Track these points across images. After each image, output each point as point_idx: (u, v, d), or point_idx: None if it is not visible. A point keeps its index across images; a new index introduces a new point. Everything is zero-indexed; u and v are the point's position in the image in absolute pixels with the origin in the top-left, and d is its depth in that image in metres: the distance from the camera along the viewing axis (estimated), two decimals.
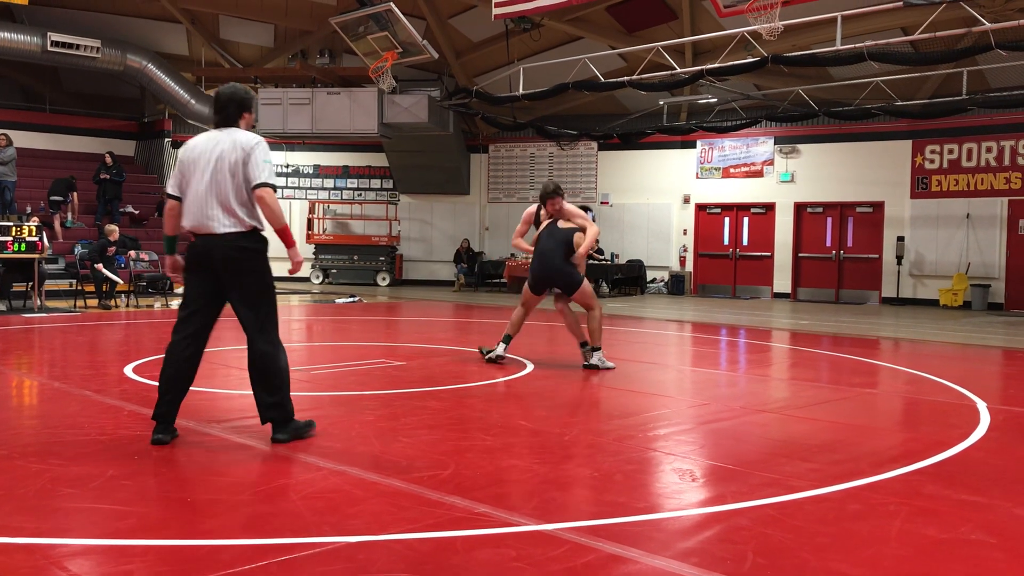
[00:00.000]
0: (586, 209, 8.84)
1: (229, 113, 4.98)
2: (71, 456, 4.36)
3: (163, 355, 4.83)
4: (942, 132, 18.23)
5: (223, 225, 4.73)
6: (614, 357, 8.48)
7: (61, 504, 3.59)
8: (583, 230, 7.96)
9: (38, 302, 13.04)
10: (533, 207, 8.32)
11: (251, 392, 4.82)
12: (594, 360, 7.86)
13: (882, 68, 15.13)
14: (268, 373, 4.79)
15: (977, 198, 17.99)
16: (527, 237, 8.61)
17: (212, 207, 4.74)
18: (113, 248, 14.54)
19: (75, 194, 18.41)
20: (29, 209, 17.52)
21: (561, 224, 8.01)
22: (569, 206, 8.16)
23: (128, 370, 7.20)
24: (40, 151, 21.39)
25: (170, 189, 4.96)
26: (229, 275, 4.80)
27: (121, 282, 14.49)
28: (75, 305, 13.86)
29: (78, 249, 15.53)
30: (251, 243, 4.84)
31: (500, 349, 8.08)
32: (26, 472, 4.04)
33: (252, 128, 5.09)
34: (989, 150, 17.89)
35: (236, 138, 4.85)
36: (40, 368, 7.74)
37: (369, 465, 4.29)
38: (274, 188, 4.85)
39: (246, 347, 4.87)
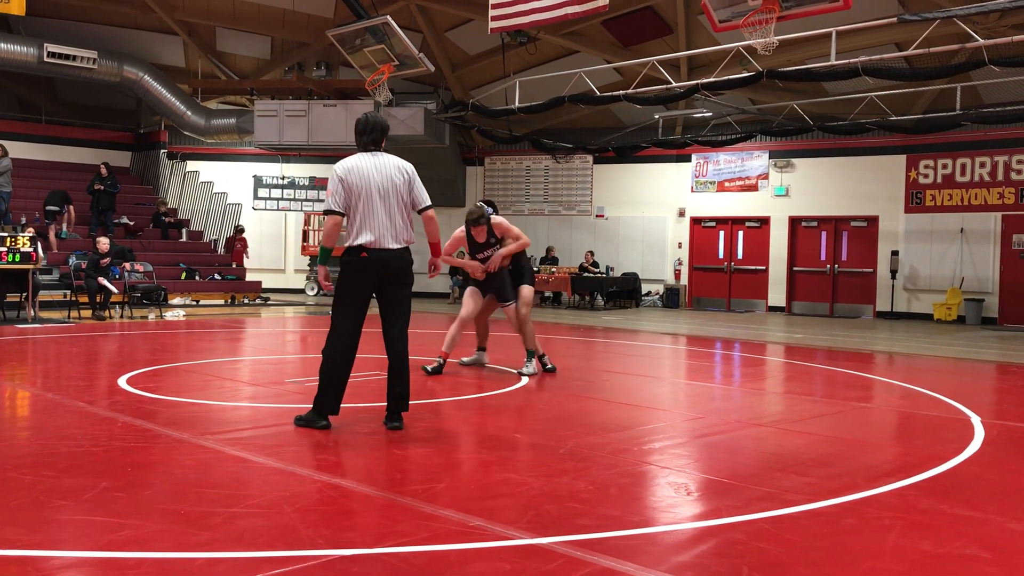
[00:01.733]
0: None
1: (376, 137, 5.57)
2: (64, 468, 4.34)
3: (159, 365, 4.81)
4: (936, 147, 18.31)
5: (397, 242, 5.44)
6: (610, 370, 8.48)
7: (54, 516, 3.57)
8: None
9: (32, 313, 13.00)
10: (462, 230, 8.31)
11: (245, 404, 4.86)
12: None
13: (876, 83, 15.21)
14: (406, 367, 5.54)
15: (971, 213, 18.06)
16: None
17: (388, 226, 5.40)
18: (107, 259, 14.51)
19: (71, 206, 18.39)
20: (24, 220, 17.49)
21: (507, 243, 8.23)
22: (502, 222, 8.24)
23: (122, 381, 7.18)
24: (36, 162, 21.38)
25: (335, 206, 5.39)
26: (395, 284, 5.52)
27: (116, 291, 14.46)
28: (69, 316, 13.83)
29: (72, 260, 15.50)
30: (410, 257, 5.55)
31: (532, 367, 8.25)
32: (19, 484, 4.02)
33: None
34: (983, 165, 17.97)
35: (398, 163, 5.51)
36: (33, 379, 7.72)
37: (363, 478, 4.28)
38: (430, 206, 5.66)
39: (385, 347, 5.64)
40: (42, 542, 3.26)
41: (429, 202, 5.59)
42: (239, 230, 21.76)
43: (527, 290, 8.41)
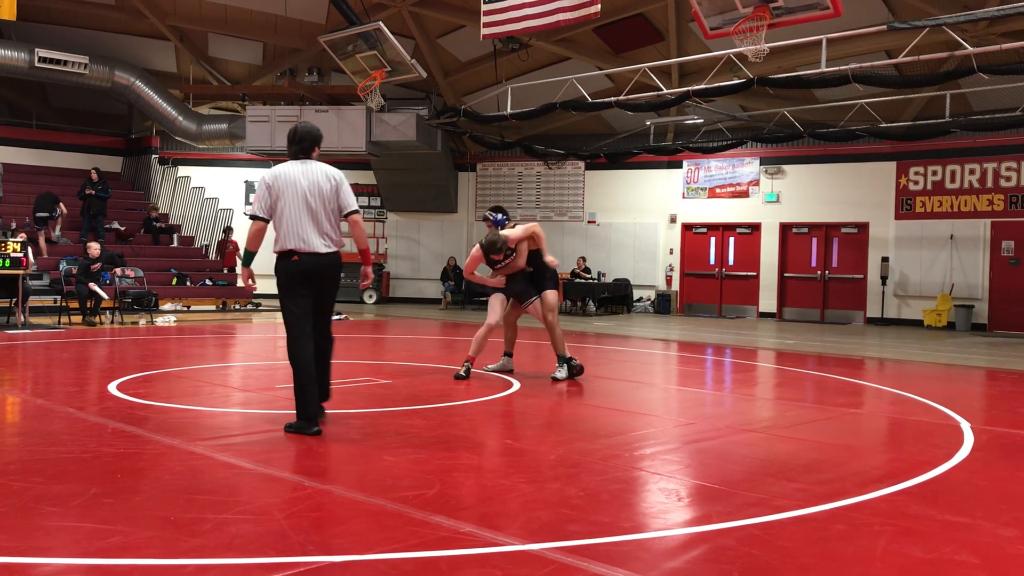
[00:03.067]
0: None
1: (306, 146, 5.75)
2: (53, 474, 4.32)
3: (149, 371, 4.82)
4: (926, 154, 18.40)
5: (326, 246, 5.58)
6: (602, 376, 8.50)
7: (43, 522, 3.56)
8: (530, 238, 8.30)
9: (22, 318, 12.95)
10: (479, 250, 8.26)
11: (235, 409, 4.85)
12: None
13: (867, 90, 15.27)
14: (327, 357, 5.78)
15: (961, 219, 18.15)
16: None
17: (316, 231, 5.55)
18: (98, 265, 14.47)
19: (61, 205, 18.28)
20: (14, 225, 17.43)
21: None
22: (510, 235, 8.24)
23: (112, 387, 7.16)
24: (26, 167, 21.31)
25: (260, 212, 5.62)
26: (323, 288, 5.68)
27: (107, 297, 14.42)
28: (59, 322, 13.78)
29: (63, 265, 15.46)
30: (339, 260, 5.72)
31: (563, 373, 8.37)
32: (7, 490, 4.00)
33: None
34: (972, 172, 18.07)
35: (326, 171, 5.68)
36: (23, 385, 7.68)
37: (354, 484, 4.28)
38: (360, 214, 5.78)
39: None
40: (31, 549, 3.25)
41: (355, 207, 5.69)
42: (228, 231, 21.74)
43: (551, 295, 8.42)
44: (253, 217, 5.67)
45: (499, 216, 8.62)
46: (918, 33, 12.31)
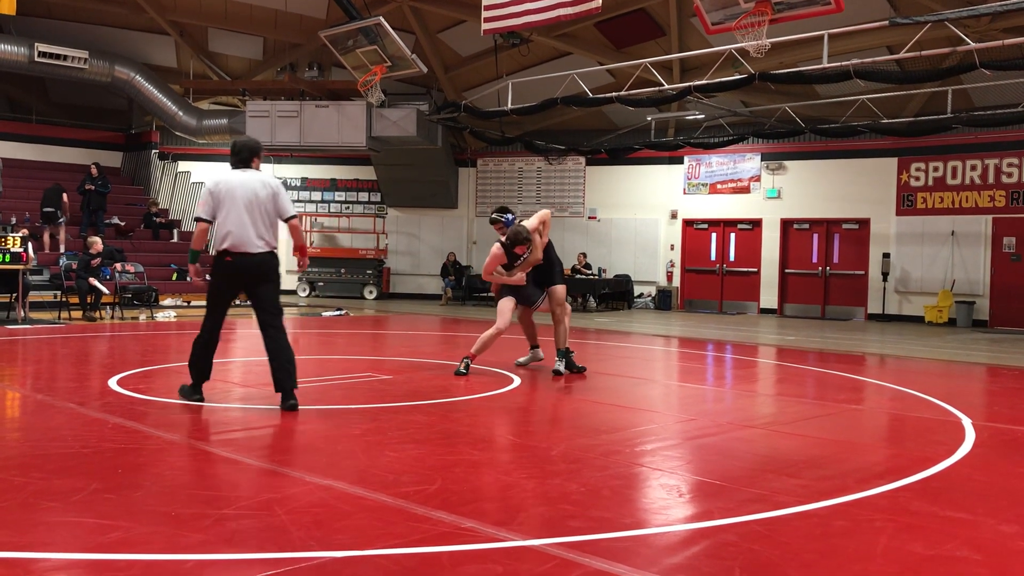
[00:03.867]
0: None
1: (244, 158, 6.31)
2: (54, 469, 4.32)
3: (150, 366, 4.82)
4: (927, 150, 18.37)
5: (260, 247, 6.14)
6: (603, 372, 8.50)
7: (44, 518, 3.56)
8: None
9: (22, 314, 12.94)
10: (499, 248, 8.34)
11: (236, 405, 4.86)
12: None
13: (868, 86, 15.25)
14: (284, 347, 6.21)
15: (962, 216, 18.13)
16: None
17: (250, 233, 6.11)
18: (98, 260, 14.46)
19: (65, 196, 18.24)
20: (14, 220, 17.42)
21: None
22: (530, 223, 8.41)
23: (112, 383, 7.16)
24: (26, 162, 21.30)
25: (203, 215, 6.18)
26: (260, 282, 6.22)
27: (107, 292, 14.41)
28: (59, 317, 13.77)
29: (63, 261, 15.45)
30: (273, 260, 6.27)
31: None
32: (8, 485, 4.00)
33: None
34: (974, 168, 18.04)
35: (264, 179, 6.25)
36: (23, 380, 7.68)
37: (355, 479, 4.27)
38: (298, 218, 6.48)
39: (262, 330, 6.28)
40: (32, 544, 3.25)
41: (292, 213, 6.35)
42: None
43: (559, 290, 8.57)
44: (198, 219, 6.24)
45: (509, 216, 8.72)
46: (920, 28, 12.28)
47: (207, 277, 6.44)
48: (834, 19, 12.47)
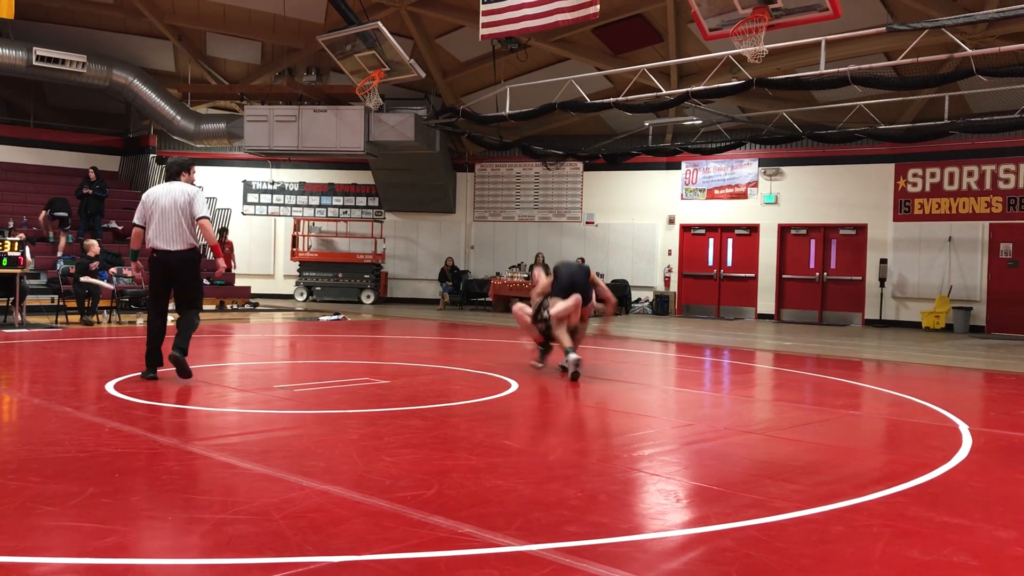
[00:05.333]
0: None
1: (173, 172, 7.80)
2: (50, 474, 4.31)
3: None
4: (924, 156, 18.41)
5: (180, 245, 7.48)
6: (600, 377, 8.50)
7: (40, 522, 3.55)
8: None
9: (19, 317, 12.93)
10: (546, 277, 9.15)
11: (233, 409, 4.84)
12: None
13: (865, 92, 15.27)
14: (190, 328, 7.63)
15: (959, 221, 18.16)
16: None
17: (172, 234, 7.47)
18: (96, 263, 14.45)
19: (43, 213, 18.30)
20: (11, 223, 17.40)
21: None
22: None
23: (109, 387, 7.14)
24: (24, 166, 21.30)
25: (137, 220, 7.61)
26: (180, 275, 7.55)
27: (108, 285, 14.39)
28: (56, 321, 13.75)
29: (60, 265, 15.43)
30: (192, 255, 7.58)
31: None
32: (4, 490, 3.99)
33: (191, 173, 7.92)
34: (971, 174, 18.08)
35: (184, 188, 7.60)
36: (20, 384, 7.67)
37: (352, 484, 4.27)
38: (209, 219, 7.67)
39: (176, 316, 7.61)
40: (28, 549, 3.24)
41: (202, 214, 7.53)
42: (224, 232, 21.74)
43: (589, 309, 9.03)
44: (134, 225, 7.62)
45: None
46: (917, 35, 12.31)
47: (143, 271, 7.75)
48: (831, 25, 12.48)
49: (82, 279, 14.01)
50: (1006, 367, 11.22)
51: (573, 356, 8.33)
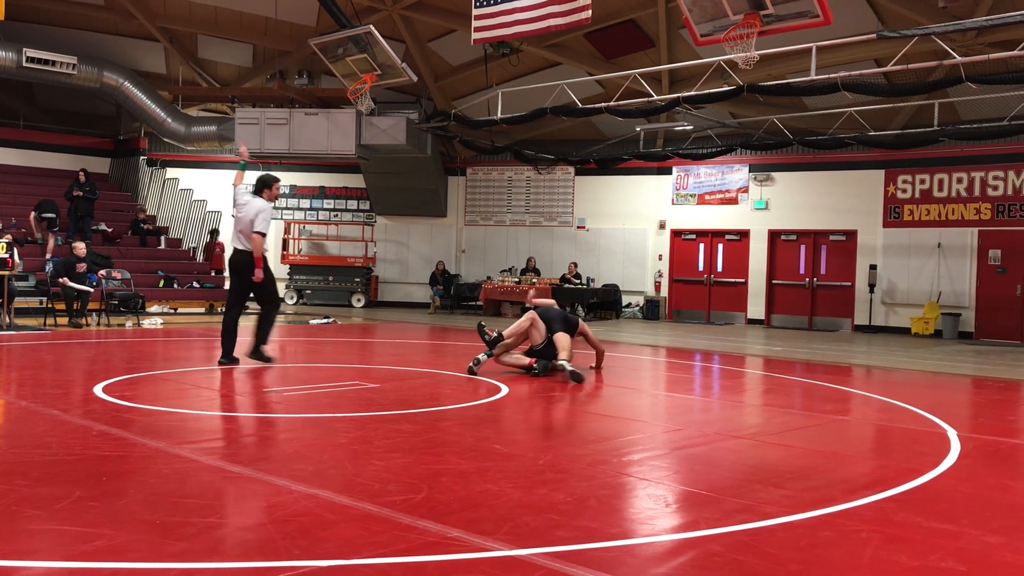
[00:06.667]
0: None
1: (258, 188, 9.18)
2: (37, 477, 4.29)
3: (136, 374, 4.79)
4: (914, 162, 18.49)
5: (244, 247, 8.84)
6: (591, 382, 8.51)
7: (26, 526, 3.53)
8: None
9: (7, 319, 12.86)
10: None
11: (222, 413, 4.82)
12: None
13: (856, 98, 15.34)
14: (263, 322, 9.17)
15: (948, 228, 18.24)
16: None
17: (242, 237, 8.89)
18: (83, 265, 14.39)
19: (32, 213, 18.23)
20: (0, 225, 17.31)
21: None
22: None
23: (98, 390, 7.11)
24: (13, 167, 21.20)
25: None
26: (244, 275, 8.86)
27: (91, 290, 14.32)
28: (45, 323, 13.69)
29: (49, 267, 15.36)
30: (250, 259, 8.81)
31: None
32: None
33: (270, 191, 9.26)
34: (960, 181, 18.17)
35: (258, 203, 8.96)
36: (7, 387, 7.63)
37: (341, 488, 4.26)
38: (263, 235, 8.82)
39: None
40: (14, 552, 3.22)
41: (258, 229, 8.76)
42: (215, 233, 21.68)
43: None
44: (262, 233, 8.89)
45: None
46: (907, 42, 12.37)
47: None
48: (822, 32, 12.55)
49: (59, 280, 13.92)
50: (994, 373, 11.26)
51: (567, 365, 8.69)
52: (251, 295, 9.09)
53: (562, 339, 8.98)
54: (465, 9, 15.27)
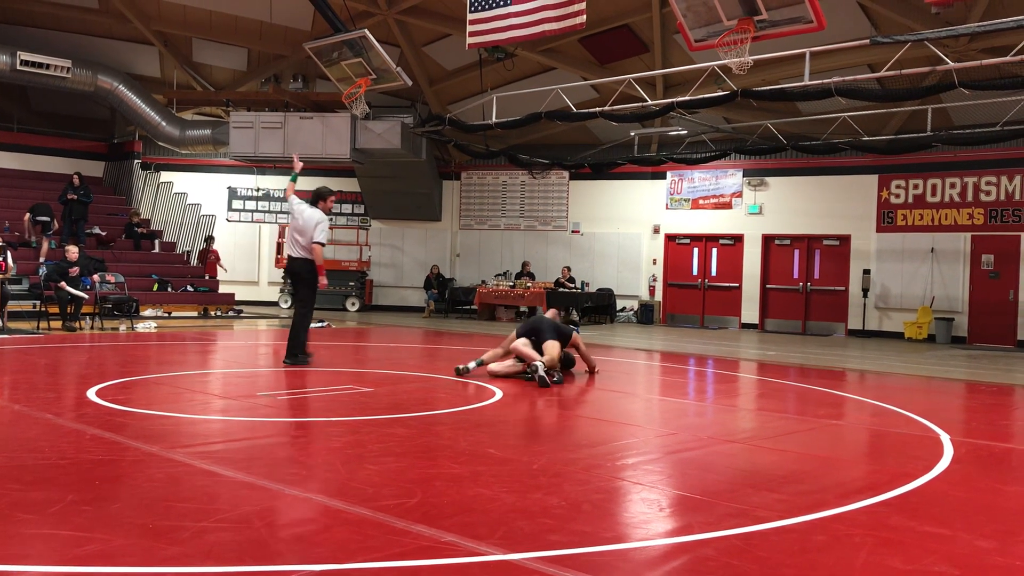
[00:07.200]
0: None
1: (314, 199, 9.80)
2: (30, 481, 4.28)
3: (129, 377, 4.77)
4: (907, 168, 18.55)
5: (298, 252, 9.56)
6: (585, 385, 8.49)
7: (19, 530, 3.52)
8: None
9: (0, 323, 12.82)
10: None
11: (216, 417, 4.81)
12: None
13: (849, 104, 15.39)
14: (297, 321, 9.86)
15: (941, 233, 18.30)
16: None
17: (296, 244, 9.60)
18: (76, 269, 14.35)
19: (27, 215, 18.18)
20: None
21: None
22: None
23: (91, 393, 7.10)
24: (7, 171, 21.15)
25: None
26: (294, 277, 9.80)
27: (85, 296, 14.29)
28: (38, 327, 13.65)
29: (42, 270, 15.32)
30: (308, 265, 9.52)
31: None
32: None
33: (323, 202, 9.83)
34: (953, 186, 18.23)
35: (316, 214, 9.62)
36: (0, 390, 7.60)
37: (335, 492, 4.25)
38: (323, 244, 9.55)
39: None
40: (7, 556, 3.21)
41: (317, 240, 9.47)
42: (210, 240, 21.64)
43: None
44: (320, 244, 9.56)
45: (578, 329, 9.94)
46: (900, 48, 12.41)
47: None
48: (816, 37, 12.57)
49: (59, 285, 13.89)
50: (987, 378, 11.29)
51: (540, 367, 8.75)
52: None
53: (550, 347, 8.96)
54: (460, 14, 15.29)
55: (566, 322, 10.06)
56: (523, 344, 9.05)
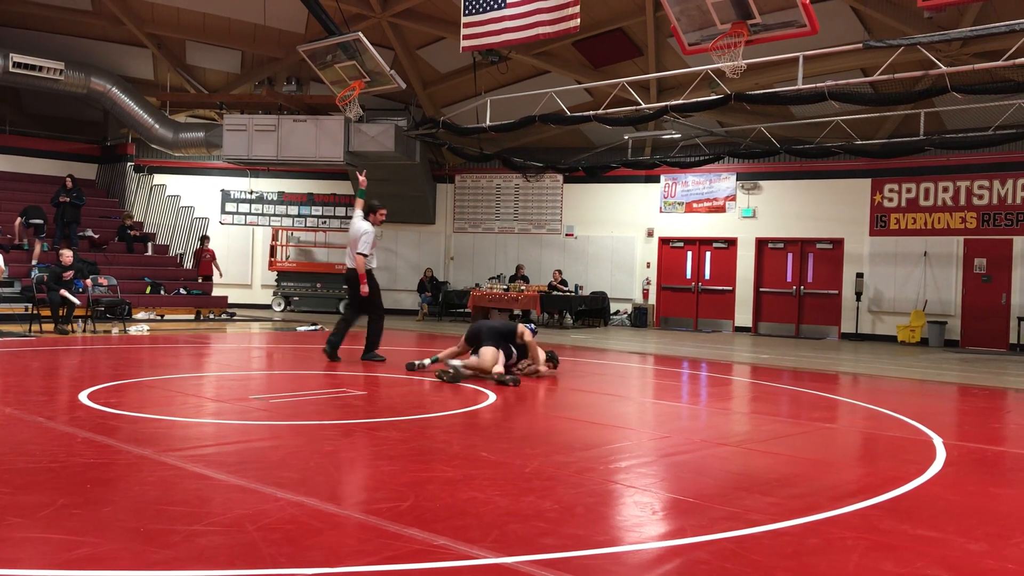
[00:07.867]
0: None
1: (365, 212, 10.49)
2: (20, 484, 4.25)
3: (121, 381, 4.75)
4: (900, 171, 18.61)
5: (349, 263, 10.37)
6: (579, 388, 8.48)
7: (8, 534, 3.50)
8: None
9: None
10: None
11: (208, 420, 4.79)
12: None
13: (842, 108, 15.43)
14: (340, 324, 10.66)
15: (934, 236, 18.35)
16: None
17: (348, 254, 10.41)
18: (71, 272, 14.31)
19: (19, 219, 18.15)
20: None
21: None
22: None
23: (83, 396, 7.07)
24: (0, 173, 21.09)
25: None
26: (347, 285, 10.62)
27: (79, 304, 14.25)
28: (30, 330, 13.61)
29: (35, 273, 15.27)
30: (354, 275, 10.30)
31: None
32: None
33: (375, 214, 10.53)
34: (946, 190, 18.28)
35: (363, 226, 10.33)
36: None
37: (327, 496, 4.24)
38: (364, 255, 10.24)
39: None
40: None
41: (358, 251, 10.25)
42: (205, 240, 21.60)
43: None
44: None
45: (532, 326, 9.83)
46: (893, 52, 12.45)
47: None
48: (809, 41, 12.61)
49: (60, 292, 13.86)
50: (979, 381, 11.32)
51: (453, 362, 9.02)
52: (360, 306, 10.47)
53: (483, 352, 8.96)
54: (454, 17, 15.30)
55: (525, 322, 10.22)
56: (462, 349, 9.53)
